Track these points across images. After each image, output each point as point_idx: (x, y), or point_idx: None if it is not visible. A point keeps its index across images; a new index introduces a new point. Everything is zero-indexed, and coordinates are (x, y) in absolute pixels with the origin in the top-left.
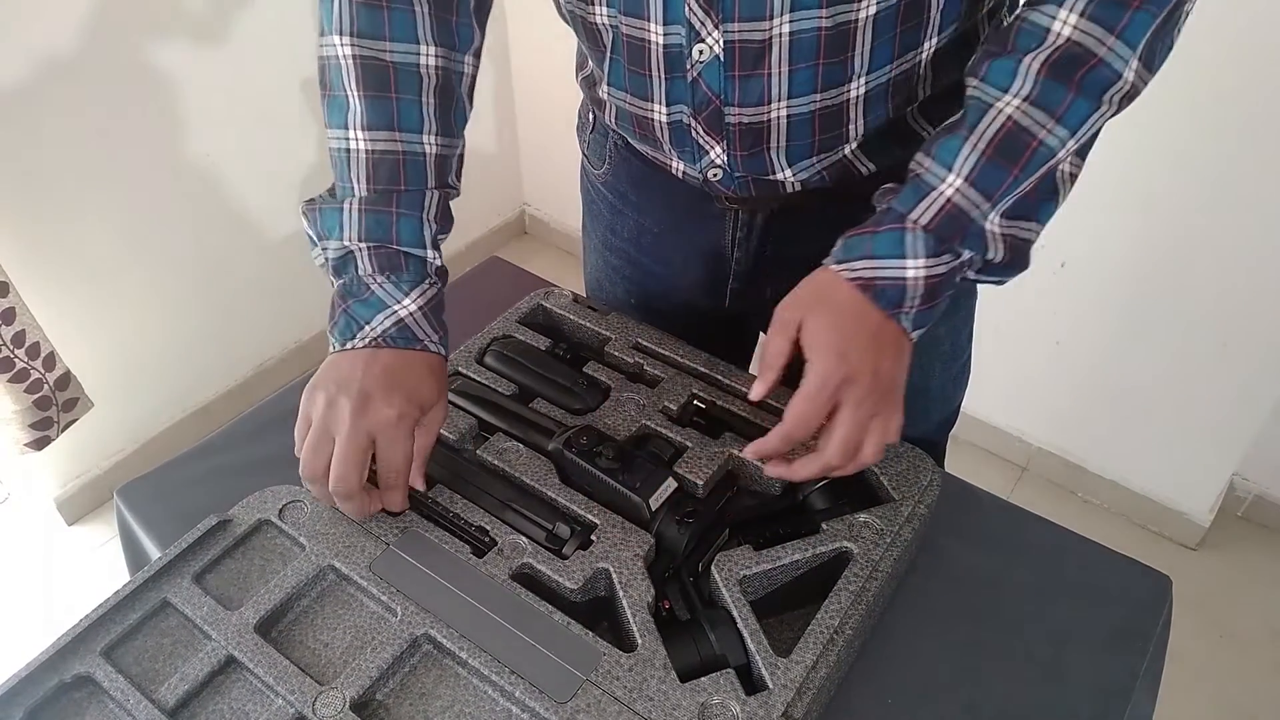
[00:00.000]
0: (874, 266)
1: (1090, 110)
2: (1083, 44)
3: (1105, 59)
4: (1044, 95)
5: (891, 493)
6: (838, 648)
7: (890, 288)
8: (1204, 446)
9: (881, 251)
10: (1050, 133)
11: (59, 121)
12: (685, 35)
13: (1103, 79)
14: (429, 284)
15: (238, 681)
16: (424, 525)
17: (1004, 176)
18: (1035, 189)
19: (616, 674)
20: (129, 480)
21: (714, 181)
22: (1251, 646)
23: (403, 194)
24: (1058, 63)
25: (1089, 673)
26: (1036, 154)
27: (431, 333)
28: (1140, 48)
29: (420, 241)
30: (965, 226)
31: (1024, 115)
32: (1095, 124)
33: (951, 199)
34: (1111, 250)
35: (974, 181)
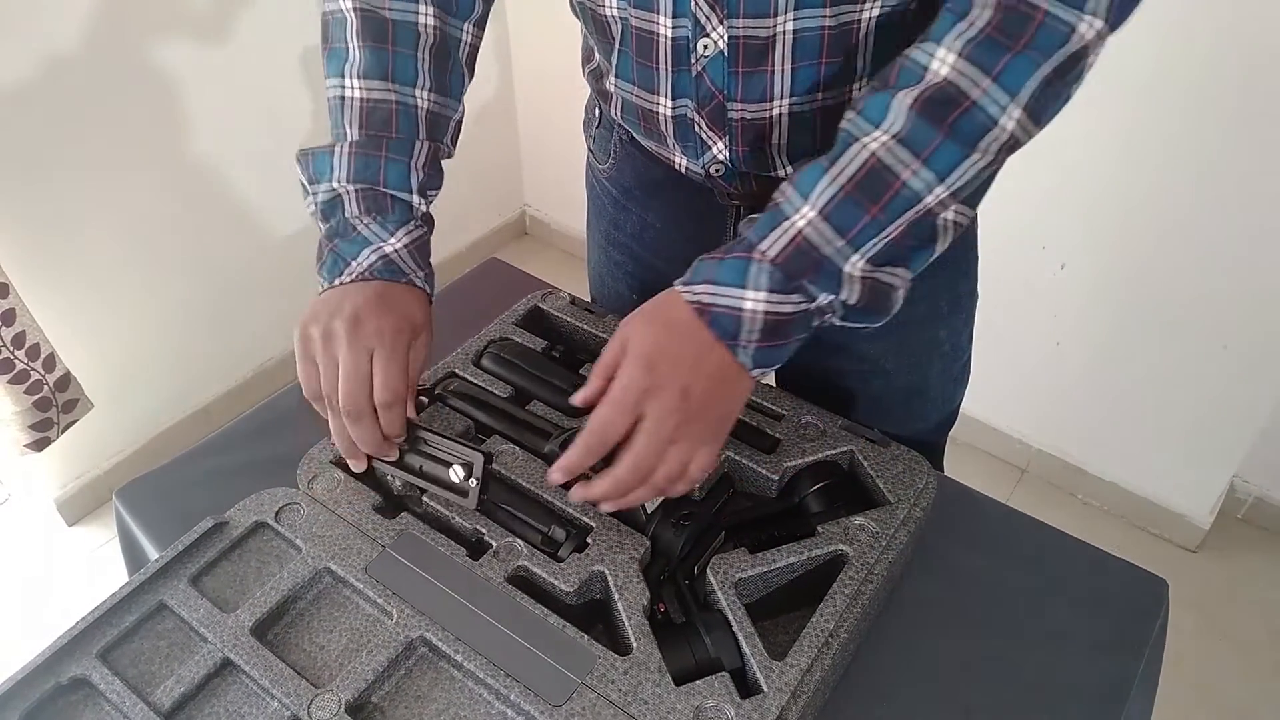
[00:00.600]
0: (712, 292)
1: (960, 156)
2: (957, 84)
3: (979, 103)
4: (912, 134)
5: (887, 496)
6: (832, 651)
7: (725, 316)
8: (1204, 449)
9: (722, 278)
10: (915, 174)
11: (59, 122)
12: (691, 29)
13: (977, 124)
14: (414, 225)
15: (234, 684)
16: (420, 528)
17: (860, 215)
18: (906, 235)
19: (611, 677)
20: (128, 481)
21: (716, 177)
22: (1251, 649)
23: (393, 140)
24: (930, 101)
25: (1085, 677)
26: (899, 195)
27: (417, 269)
28: (1023, 95)
29: (407, 186)
30: (817, 263)
31: (888, 153)
32: (968, 171)
33: (802, 231)
34: (1111, 252)
35: (828, 216)
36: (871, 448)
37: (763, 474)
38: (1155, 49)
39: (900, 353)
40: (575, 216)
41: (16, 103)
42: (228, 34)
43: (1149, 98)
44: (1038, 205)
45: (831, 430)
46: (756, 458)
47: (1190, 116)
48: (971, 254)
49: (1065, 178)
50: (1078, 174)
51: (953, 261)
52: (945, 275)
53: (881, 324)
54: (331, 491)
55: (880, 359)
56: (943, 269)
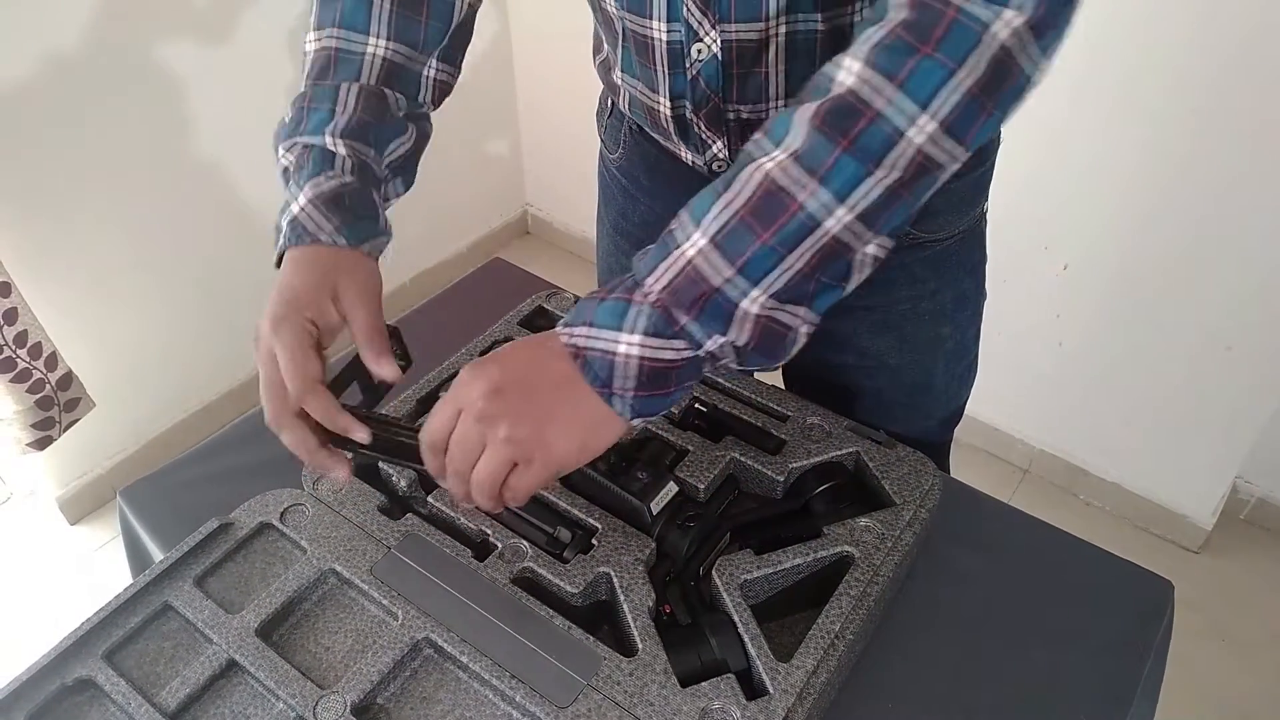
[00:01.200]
0: (588, 335)
1: (861, 173)
2: (859, 93)
3: (883, 113)
4: (809, 151)
5: (893, 497)
6: (838, 653)
7: (598, 361)
8: (1207, 449)
9: (600, 320)
10: (811, 195)
11: (61, 122)
12: (684, 34)
13: (880, 136)
14: (326, 176)
15: (239, 685)
16: (425, 529)
17: (751, 241)
18: (813, 268)
19: (617, 678)
20: (132, 481)
21: (719, 173)
22: (1254, 650)
23: (318, 88)
24: (830, 113)
25: (1090, 678)
26: (795, 219)
27: (325, 223)
28: (933, 105)
29: (322, 130)
30: (704, 296)
31: (783, 173)
32: (873, 191)
33: (692, 260)
34: (1114, 253)
35: (719, 243)
36: (877, 449)
37: (768, 475)
38: (1158, 49)
39: (904, 349)
40: (577, 215)
41: (19, 102)
42: (231, 34)
43: (1151, 98)
44: (1041, 206)
45: (837, 431)
46: (762, 459)
47: (1194, 118)
48: (978, 252)
49: (1068, 178)
50: (1081, 175)
51: (958, 260)
52: (950, 272)
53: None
54: (337, 493)
55: (884, 355)
56: (947, 266)
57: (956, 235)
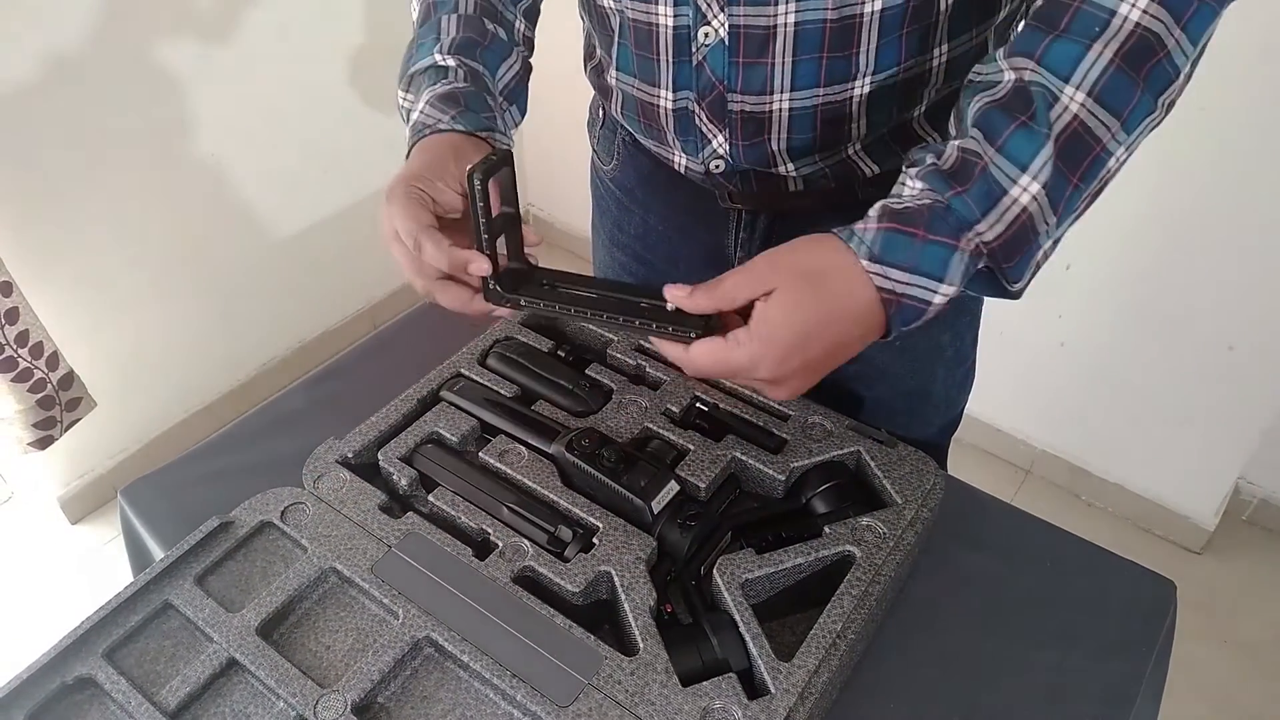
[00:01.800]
0: (908, 281)
1: (1148, 111)
2: (1153, 30)
3: (1171, 52)
4: (1112, 92)
5: (895, 496)
6: (840, 652)
7: (911, 310)
8: (1209, 450)
9: (924, 267)
10: (1113, 137)
11: (62, 121)
12: (692, 17)
13: (1164, 77)
14: (442, 84)
15: (239, 684)
16: (426, 528)
17: (1065, 187)
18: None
19: (618, 678)
20: (133, 480)
21: (716, 174)
22: (1256, 651)
23: (424, 26)
24: (1130, 53)
25: (1092, 679)
26: (1096, 161)
27: (442, 115)
28: (1200, 45)
29: (431, 51)
30: (1027, 246)
31: (1090, 114)
32: (1145, 134)
33: (1027, 209)
34: (1117, 252)
35: (1049, 190)
36: (878, 448)
37: (769, 474)
38: None
39: (904, 357)
40: (580, 216)
41: (21, 102)
42: (233, 35)
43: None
44: None
45: (838, 430)
46: (763, 457)
47: (1196, 116)
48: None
49: None
50: None
51: None
52: None
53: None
54: (337, 491)
55: (885, 364)
56: None
57: None
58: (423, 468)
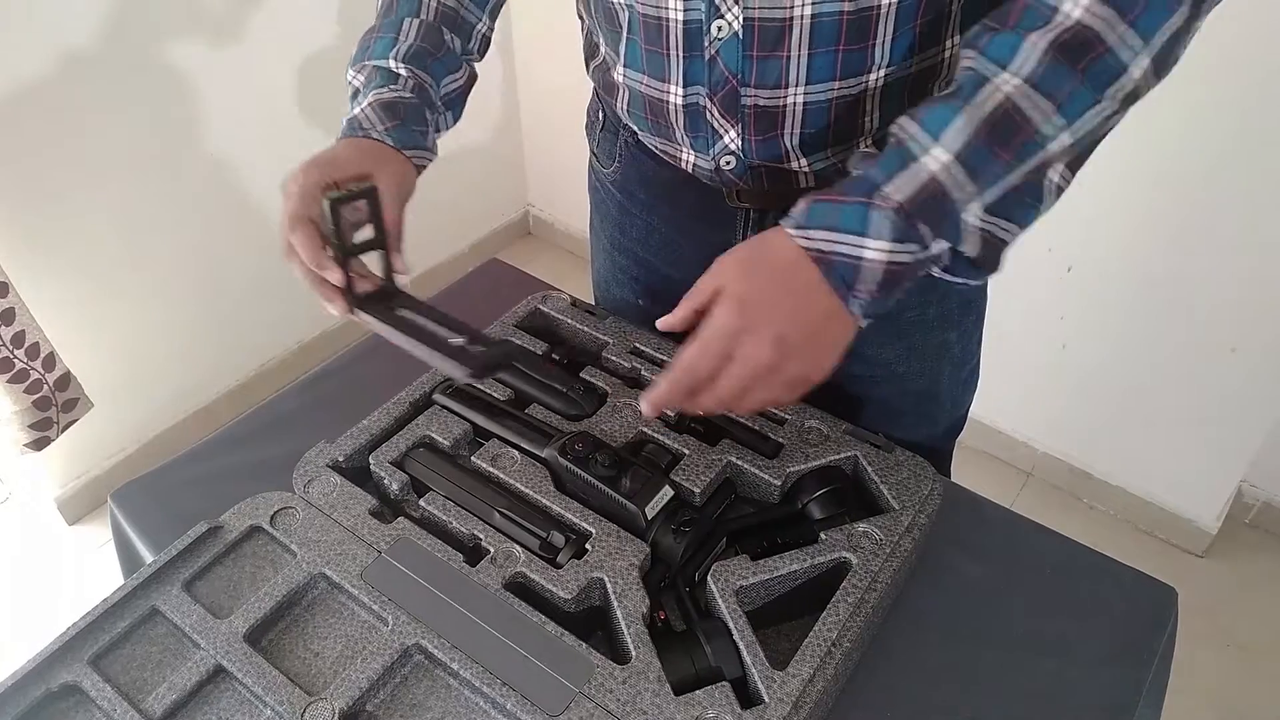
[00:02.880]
0: (831, 240)
1: (1090, 102)
2: (1092, 27)
3: (1114, 47)
4: (1047, 78)
5: (892, 502)
6: (835, 661)
7: (844, 265)
8: (1212, 453)
9: (844, 224)
10: (1047, 119)
11: (60, 121)
12: (705, 11)
13: (1108, 70)
14: (390, 90)
15: (226, 691)
16: (416, 533)
17: (992, 161)
18: (1021, 188)
19: (610, 686)
20: (123, 484)
21: (726, 171)
22: (1259, 656)
23: (388, 20)
24: (1065, 45)
25: (1092, 687)
26: (1031, 142)
27: (377, 123)
28: (1154, 43)
29: (387, 54)
30: (945, 211)
31: (1023, 96)
32: (1092, 121)
33: (936, 175)
34: (1119, 254)
35: (964, 160)
36: (876, 453)
37: (765, 479)
38: None
39: (912, 357)
40: (579, 216)
41: (18, 101)
42: (230, 34)
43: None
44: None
45: (835, 435)
46: (759, 462)
47: (1198, 118)
48: None
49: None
50: (1085, 175)
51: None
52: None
53: (979, 282)
54: (328, 495)
55: (892, 363)
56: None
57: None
58: (414, 472)
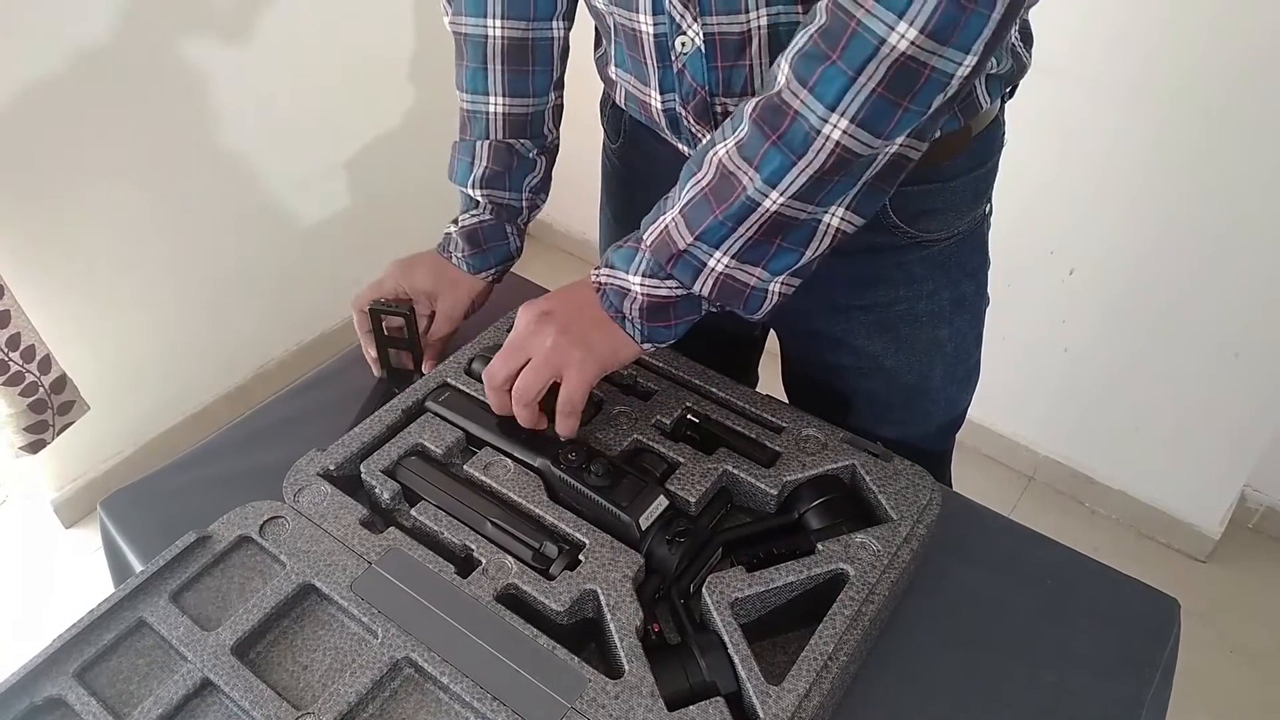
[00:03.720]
0: (609, 275)
1: (787, 163)
2: (782, 94)
3: (800, 112)
4: (748, 142)
5: (890, 512)
6: (832, 675)
7: (613, 292)
8: (1215, 457)
9: (617, 263)
10: (749, 179)
11: (56, 123)
12: (668, 27)
13: (800, 132)
14: (470, 215)
15: (214, 705)
16: (407, 544)
17: (708, 214)
18: (765, 236)
19: (602, 701)
20: (113, 491)
21: None
22: (1262, 661)
23: (464, 143)
24: (765, 110)
25: (1093, 700)
26: (739, 199)
27: (457, 250)
28: (844, 105)
29: (466, 180)
30: (676, 255)
31: (730, 159)
32: (800, 177)
33: (666, 226)
34: (1121, 257)
35: (685, 215)
36: (874, 462)
37: (761, 488)
38: (1168, 51)
39: (900, 351)
40: (578, 218)
41: (14, 103)
42: (231, 39)
43: (1161, 100)
44: (1046, 209)
45: (833, 443)
46: (755, 471)
47: (1203, 119)
48: (980, 256)
49: (1075, 182)
50: (1087, 178)
51: (957, 262)
52: (950, 274)
53: (752, 319)
54: (318, 505)
55: (880, 356)
56: (947, 267)
57: (956, 236)
58: (406, 481)
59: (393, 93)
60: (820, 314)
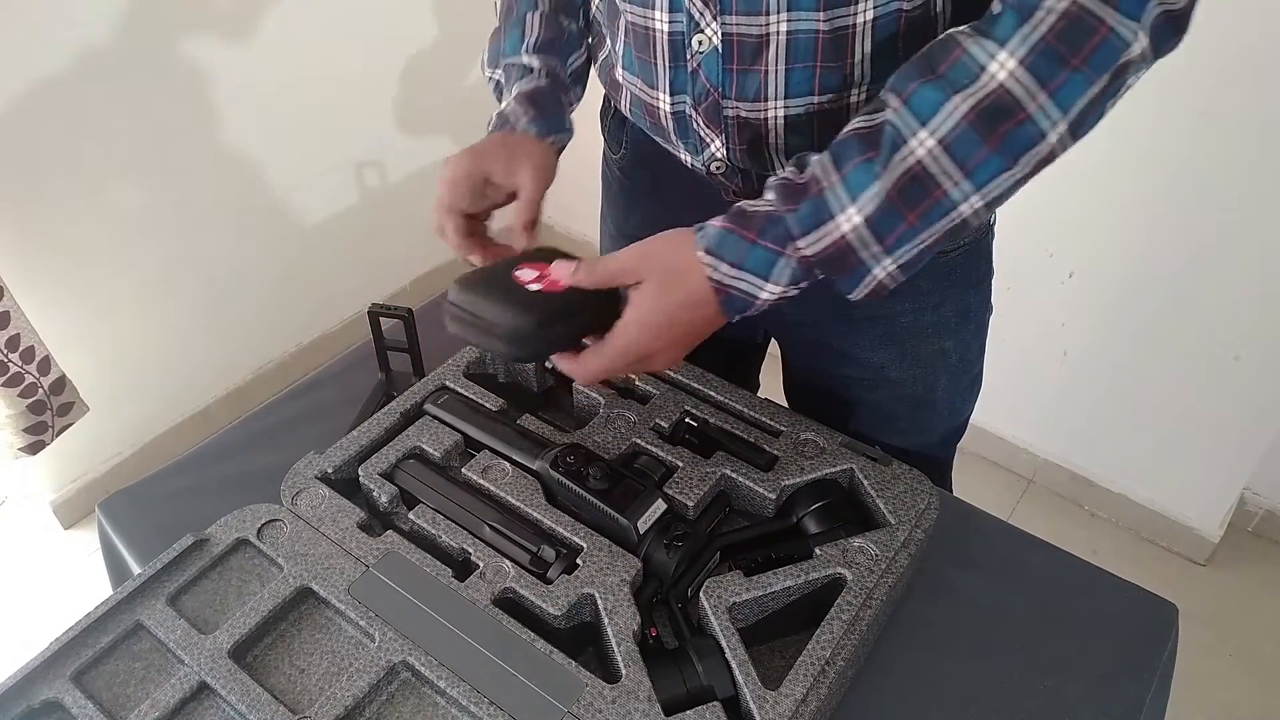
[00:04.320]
0: (735, 276)
1: (1001, 169)
2: (1013, 94)
3: (1033, 115)
4: (960, 144)
5: (888, 516)
6: (829, 680)
7: (740, 300)
8: (1214, 460)
9: (750, 266)
10: (956, 186)
11: (56, 124)
12: (686, 24)
13: (1025, 137)
14: (525, 81)
15: (210, 708)
16: (405, 547)
17: (899, 223)
18: (937, 244)
19: (598, 706)
20: (111, 494)
21: (718, 175)
22: (1261, 665)
23: (510, 22)
24: (984, 111)
25: (1091, 705)
26: (938, 205)
27: (522, 116)
28: (1072, 112)
29: (517, 50)
30: (852, 267)
31: (934, 161)
32: (1005, 184)
33: (845, 236)
34: (1120, 260)
35: (872, 223)
36: (872, 466)
37: (759, 492)
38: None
39: (905, 362)
40: (580, 219)
41: (13, 106)
42: (228, 37)
43: (1158, 102)
44: (1046, 212)
45: (831, 448)
46: (753, 475)
47: (1201, 121)
48: (984, 267)
49: (1073, 185)
50: (1086, 181)
51: (963, 274)
52: (954, 285)
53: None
54: (316, 508)
55: (885, 368)
56: (952, 279)
57: (961, 248)
58: (404, 484)
59: (393, 94)
60: (825, 325)
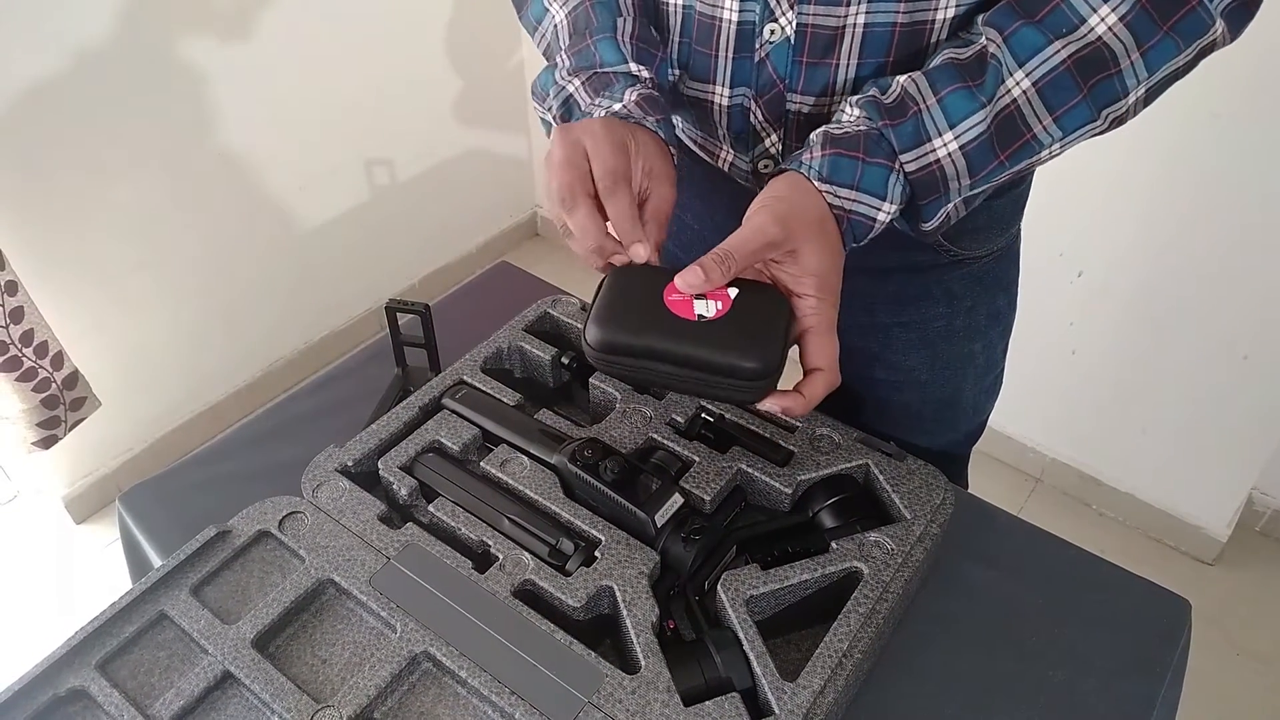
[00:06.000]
0: (854, 199)
1: (1088, 119)
2: (1111, 48)
3: (1123, 71)
4: (1055, 88)
5: (904, 511)
6: (846, 672)
7: (860, 224)
8: (1222, 460)
9: (866, 185)
10: (1045, 130)
11: (69, 121)
12: (759, 13)
13: (1111, 92)
14: (642, 86)
15: (234, 697)
16: (425, 539)
17: (990, 160)
18: (1000, 184)
19: (619, 696)
20: (132, 486)
21: (765, 174)
22: (1270, 664)
23: (596, 27)
24: (1081, 60)
25: (1104, 699)
26: (1026, 146)
27: (647, 115)
28: (1154, 77)
29: (622, 59)
30: (935, 195)
31: (1028, 104)
32: (1083, 136)
33: (940, 161)
34: (1129, 259)
35: (968, 153)
36: (888, 461)
37: (776, 487)
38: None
39: (936, 365)
40: None
41: (26, 101)
42: (238, 34)
43: (1170, 101)
44: (1055, 212)
45: (847, 443)
46: (769, 470)
47: (1212, 121)
48: (1013, 269)
49: (1084, 184)
50: (1096, 180)
51: (994, 275)
52: (986, 289)
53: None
54: (336, 500)
55: (916, 370)
56: (984, 283)
57: (994, 253)
58: (423, 477)
59: (405, 94)
60: (857, 330)
